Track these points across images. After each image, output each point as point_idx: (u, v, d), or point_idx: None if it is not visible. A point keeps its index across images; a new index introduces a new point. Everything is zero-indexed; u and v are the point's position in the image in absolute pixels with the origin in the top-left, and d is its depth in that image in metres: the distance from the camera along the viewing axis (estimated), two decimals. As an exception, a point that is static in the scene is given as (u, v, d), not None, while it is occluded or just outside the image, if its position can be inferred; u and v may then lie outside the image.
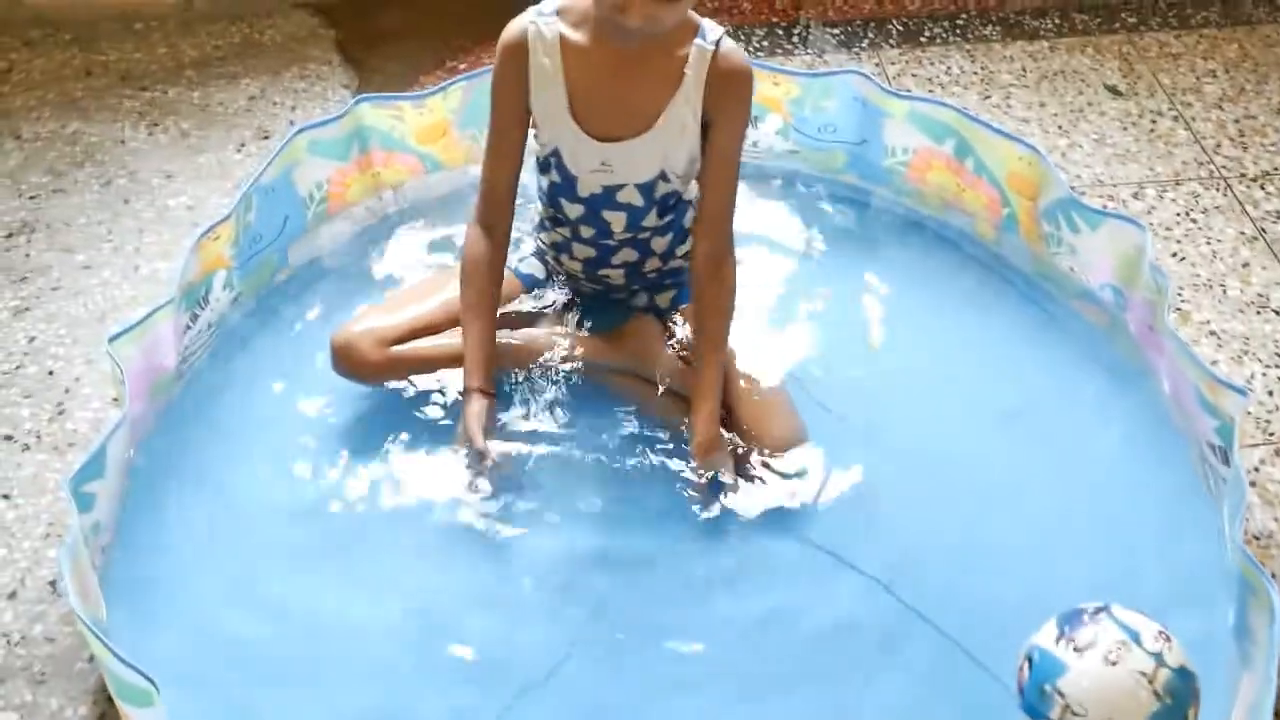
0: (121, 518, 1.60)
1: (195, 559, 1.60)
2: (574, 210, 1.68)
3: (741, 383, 1.68)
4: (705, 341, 1.63)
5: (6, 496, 1.72)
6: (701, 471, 1.60)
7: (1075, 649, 1.31)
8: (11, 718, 1.48)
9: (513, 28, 1.59)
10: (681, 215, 1.72)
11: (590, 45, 1.56)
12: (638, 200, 1.65)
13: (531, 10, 1.60)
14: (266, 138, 2.31)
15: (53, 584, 1.61)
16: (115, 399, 1.82)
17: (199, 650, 1.50)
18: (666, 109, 1.58)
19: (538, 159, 1.69)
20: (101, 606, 1.45)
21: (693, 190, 1.70)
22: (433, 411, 1.71)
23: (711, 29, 1.57)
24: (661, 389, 1.70)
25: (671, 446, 1.66)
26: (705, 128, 1.60)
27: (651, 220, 1.68)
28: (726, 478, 1.60)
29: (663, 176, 1.63)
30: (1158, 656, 1.29)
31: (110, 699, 1.47)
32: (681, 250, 1.77)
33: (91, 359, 1.91)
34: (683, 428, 1.66)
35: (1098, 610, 1.34)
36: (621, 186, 1.64)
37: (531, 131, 1.66)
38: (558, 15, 1.58)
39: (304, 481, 1.68)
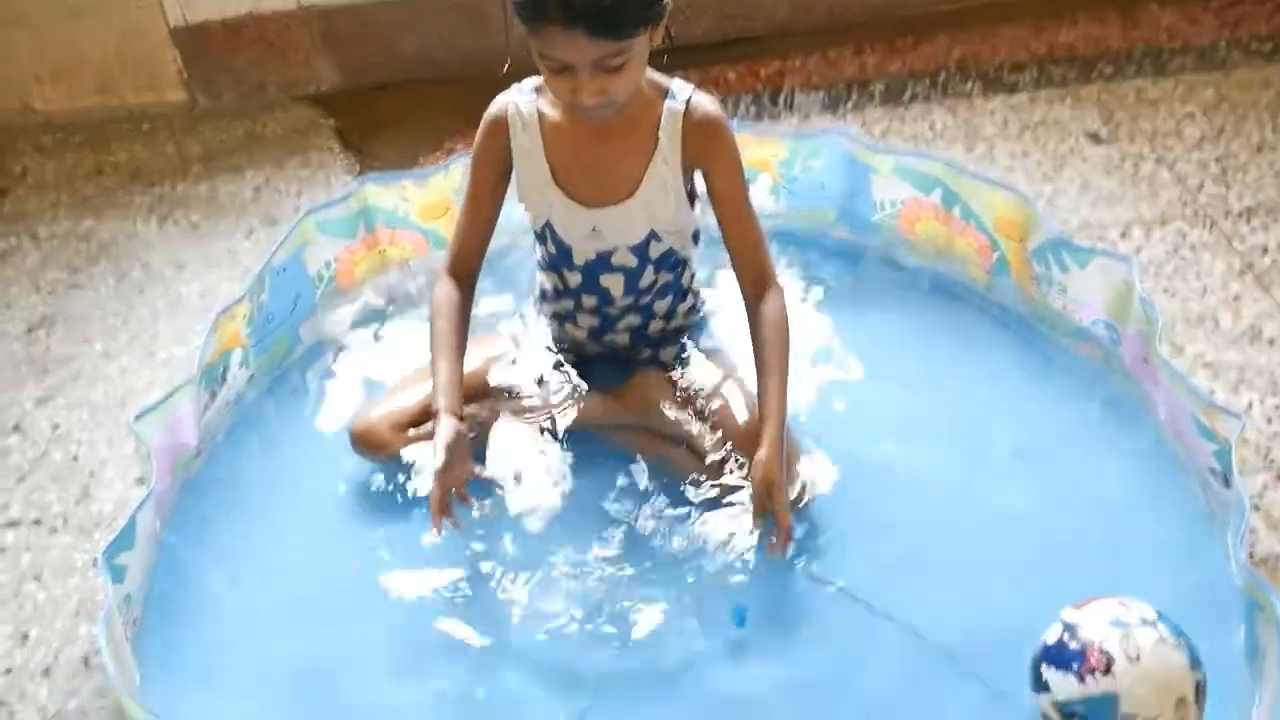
0: (149, 590, 1.64)
1: (219, 630, 1.63)
2: (574, 279, 1.74)
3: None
4: (765, 369, 1.63)
5: (37, 578, 1.76)
6: (755, 503, 1.57)
7: (1103, 673, 1.31)
8: (48, 794, 1.50)
9: (494, 106, 1.68)
10: (680, 275, 1.77)
11: (565, 121, 1.63)
12: (632, 261, 1.70)
13: (513, 89, 1.68)
14: (274, 224, 2.38)
15: (85, 660, 1.64)
16: (140, 479, 1.86)
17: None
18: (646, 173, 1.63)
19: (534, 231, 1.75)
20: (135, 675, 1.48)
21: (689, 248, 1.75)
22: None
23: (680, 88, 1.63)
24: (673, 442, 1.74)
25: (680, 495, 1.69)
26: (705, 179, 1.66)
27: (649, 279, 1.73)
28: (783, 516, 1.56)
29: (654, 236, 1.69)
30: (1143, 620, 1.33)
31: (143, 772, 1.49)
32: (683, 308, 1.82)
33: (114, 442, 1.96)
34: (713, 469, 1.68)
35: (1068, 630, 1.36)
36: (614, 250, 1.69)
37: (521, 206, 1.73)
38: (536, 93, 1.66)
39: (322, 552, 1.72)
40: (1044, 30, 2.75)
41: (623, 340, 1.81)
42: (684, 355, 1.82)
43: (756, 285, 1.67)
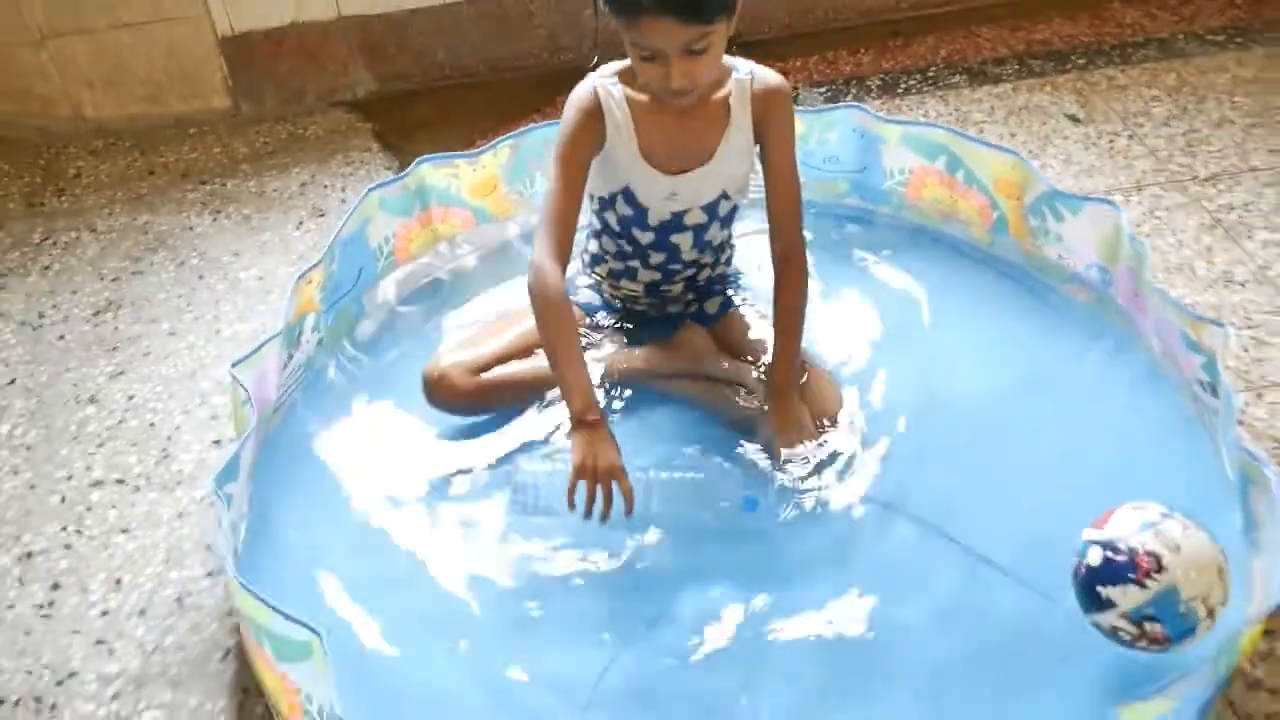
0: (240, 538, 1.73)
1: (296, 581, 1.71)
2: (645, 237, 1.90)
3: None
4: (781, 327, 1.83)
5: (125, 530, 1.87)
6: (782, 453, 1.77)
7: (1158, 572, 1.42)
8: (156, 715, 1.59)
9: (584, 91, 1.78)
10: (733, 223, 1.95)
11: (650, 101, 1.77)
12: (702, 219, 1.88)
13: (591, 76, 1.80)
14: (322, 215, 2.55)
15: (179, 600, 1.75)
16: (216, 441, 2.00)
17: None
18: (722, 142, 1.81)
19: (601, 199, 1.89)
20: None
21: (744, 197, 1.92)
22: (508, 440, 1.89)
23: (742, 64, 1.82)
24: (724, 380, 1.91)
25: (724, 433, 1.86)
26: (761, 147, 1.83)
27: (713, 234, 1.91)
28: (807, 450, 1.76)
29: (724, 195, 1.87)
30: (1163, 515, 1.47)
31: (245, 691, 1.60)
32: (724, 256, 2.00)
33: (188, 410, 2.09)
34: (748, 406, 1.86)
35: (1107, 547, 1.47)
36: (688, 210, 1.86)
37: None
38: (618, 78, 1.79)
39: (393, 511, 1.82)
40: (1020, 29, 3.02)
41: (676, 290, 1.98)
42: (727, 309, 2.00)
43: (787, 253, 1.85)
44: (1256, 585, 1.52)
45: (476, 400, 1.89)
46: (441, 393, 1.88)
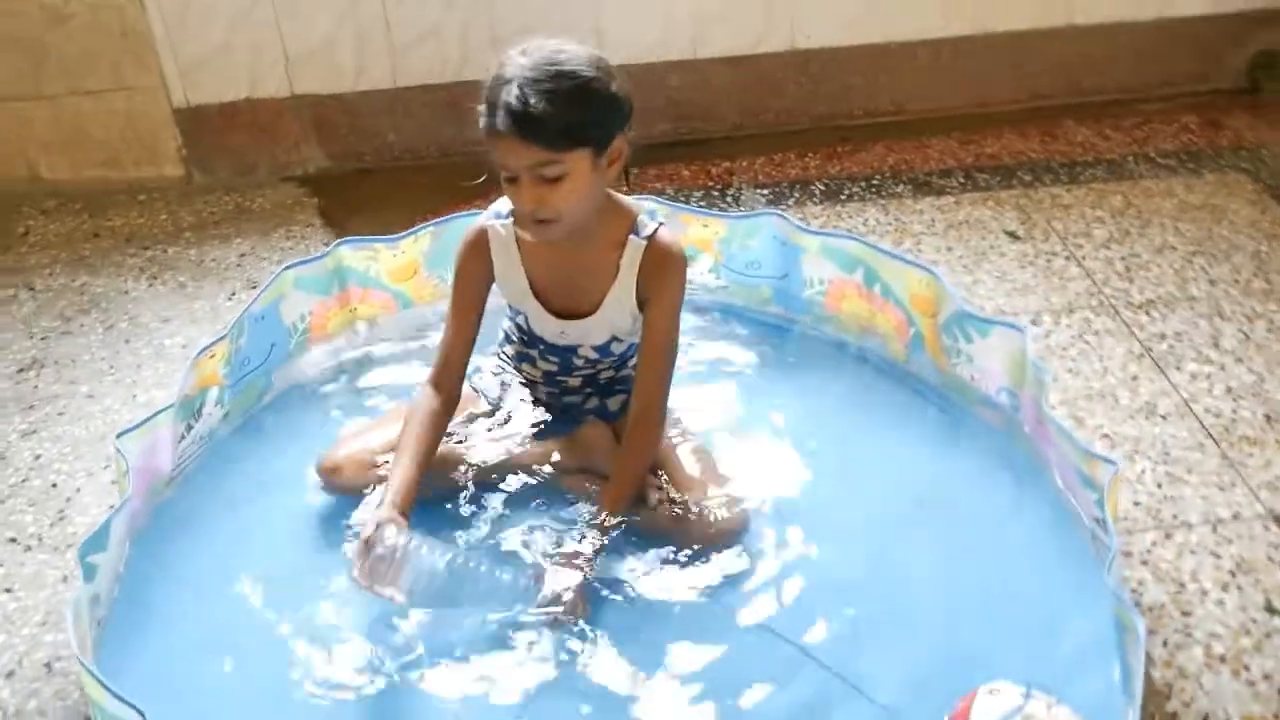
0: (112, 604, 1.73)
1: (172, 651, 1.71)
2: (539, 347, 1.94)
3: (696, 473, 1.87)
4: (616, 476, 1.82)
5: (9, 590, 1.86)
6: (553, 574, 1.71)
7: None
8: (8, 787, 1.59)
9: (473, 229, 1.86)
10: (629, 351, 1.95)
11: (539, 241, 1.79)
12: (594, 355, 1.92)
13: (487, 213, 1.86)
14: (255, 287, 2.55)
15: (48, 665, 1.74)
16: (117, 495, 1.98)
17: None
18: (607, 297, 1.83)
19: (510, 306, 1.93)
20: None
21: (636, 337, 1.90)
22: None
23: (646, 225, 1.81)
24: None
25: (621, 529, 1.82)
26: (644, 305, 1.83)
27: (606, 361, 1.94)
28: (564, 607, 1.68)
29: (614, 339, 1.90)
30: (1024, 697, 1.44)
31: (99, 763, 1.58)
32: (632, 361, 1.99)
33: (92, 472, 2.09)
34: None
35: None
36: (579, 345, 1.91)
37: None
38: (511, 216, 1.81)
39: (279, 584, 1.81)
40: (971, 142, 3.03)
41: (575, 383, 1.99)
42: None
43: (643, 414, 1.84)
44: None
45: (369, 489, 1.88)
46: (335, 484, 1.90)
